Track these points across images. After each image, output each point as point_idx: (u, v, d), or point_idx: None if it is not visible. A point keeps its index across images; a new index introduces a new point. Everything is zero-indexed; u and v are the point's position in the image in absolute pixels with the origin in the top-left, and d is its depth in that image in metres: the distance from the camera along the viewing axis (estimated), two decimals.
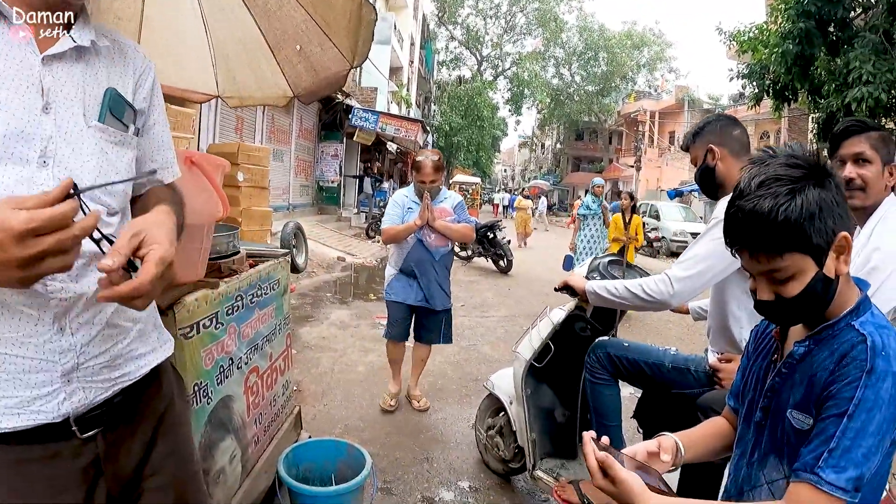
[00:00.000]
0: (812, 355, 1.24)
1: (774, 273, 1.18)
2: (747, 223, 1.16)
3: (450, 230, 4.33)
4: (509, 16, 45.98)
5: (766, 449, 1.33)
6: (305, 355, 5.71)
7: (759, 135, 27.95)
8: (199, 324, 2.09)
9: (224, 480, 2.38)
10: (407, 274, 4.40)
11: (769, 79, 11.22)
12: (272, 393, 2.92)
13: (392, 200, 4.53)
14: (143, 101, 1.34)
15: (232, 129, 12.93)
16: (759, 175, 1.17)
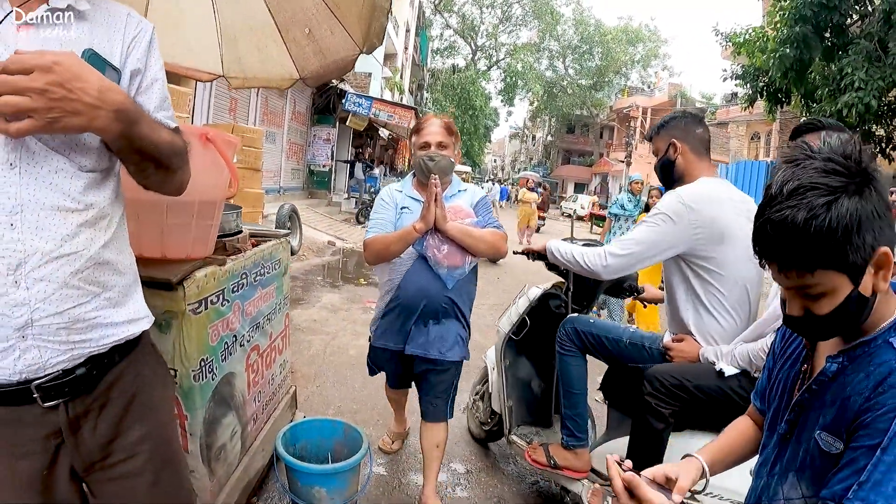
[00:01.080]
0: (846, 374, 1.14)
1: (805, 289, 1.08)
2: (777, 236, 1.04)
3: (471, 237, 2.65)
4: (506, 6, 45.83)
5: (787, 465, 1.25)
6: (297, 337, 5.72)
7: (749, 135, 28.07)
8: (207, 300, 2.12)
9: (225, 457, 2.41)
10: (402, 311, 2.78)
11: (763, 81, 11.29)
12: (271, 372, 2.96)
13: (379, 199, 2.89)
14: (136, 61, 1.32)
15: (226, 109, 12.86)
16: (793, 180, 1.04)
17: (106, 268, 1.27)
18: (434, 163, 2.72)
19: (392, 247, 2.64)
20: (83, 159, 1.21)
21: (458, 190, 2.90)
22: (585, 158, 54.68)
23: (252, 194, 8.00)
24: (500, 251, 2.76)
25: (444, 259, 2.64)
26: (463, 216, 2.72)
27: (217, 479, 2.34)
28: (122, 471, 1.36)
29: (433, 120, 2.82)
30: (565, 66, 48.70)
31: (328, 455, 2.94)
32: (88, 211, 1.22)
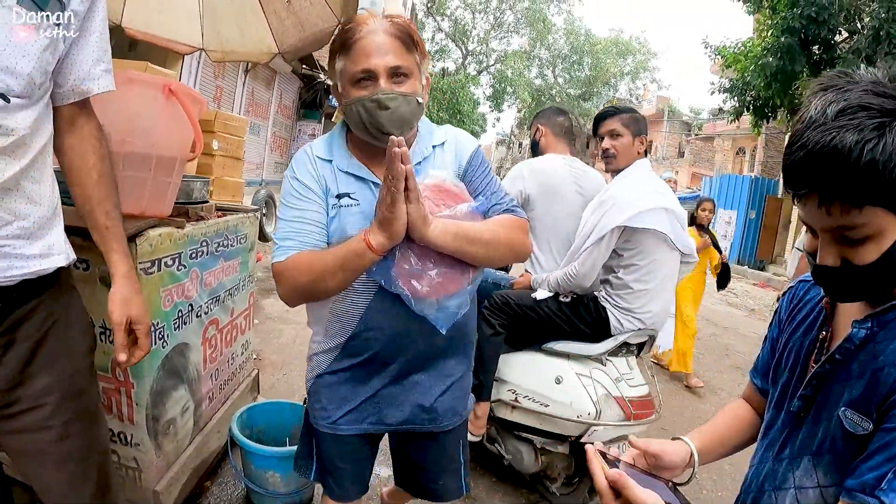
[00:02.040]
0: (876, 342, 0.97)
1: (846, 231, 0.90)
2: (822, 162, 0.85)
3: (475, 242, 1.46)
4: (498, 12, 45.90)
5: (801, 448, 1.08)
6: (268, 326, 5.63)
7: (735, 150, 28.35)
8: (161, 261, 2.02)
9: (174, 432, 2.31)
10: (367, 369, 1.62)
11: (750, 94, 11.37)
12: (231, 350, 2.85)
13: (292, 178, 1.56)
14: (80, 3, 1.29)
15: (211, 97, 12.68)
16: (839, 101, 0.86)
17: (20, 196, 1.22)
18: (389, 111, 1.43)
19: (328, 279, 1.41)
20: (13, 82, 1.17)
21: (433, 146, 1.61)
22: None
23: (232, 183, 7.89)
24: (521, 252, 1.61)
25: (430, 291, 1.44)
26: (451, 200, 1.50)
27: (165, 456, 2.24)
28: (26, 422, 1.30)
29: (373, 25, 1.45)
30: (555, 75, 48.87)
31: (287, 440, 2.84)
32: (8, 137, 1.18)
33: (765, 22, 10.83)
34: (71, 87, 1.34)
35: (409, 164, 1.27)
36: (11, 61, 1.15)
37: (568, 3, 45.93)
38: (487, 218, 1.54)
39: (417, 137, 1.60)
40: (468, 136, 1.71)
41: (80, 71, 1.34)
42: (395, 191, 1.28)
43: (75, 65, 1.33)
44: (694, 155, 32.63)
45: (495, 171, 9.69)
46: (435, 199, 1.46)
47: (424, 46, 1.55)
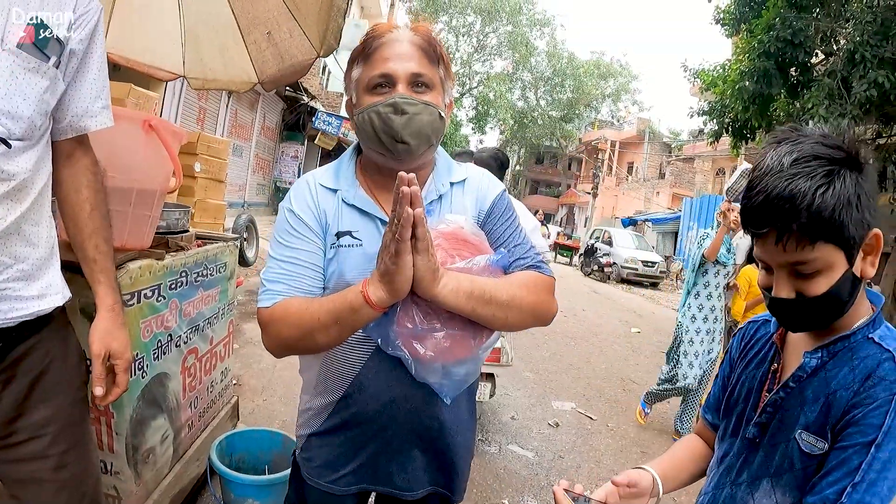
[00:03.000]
0: (827, 369, 1.08)
1: (799, 266, 1.00)
2: (780, 204, 0.96)
3: (491, 303, 1.23)
4: (482, 35, 46.40)
5: (758, 471, 1.15)
6: (248, 350, 5.62)
7: (715, 171, 28.73)
8: (141, 293, 2.04)
9: (154, 461, 2.32)
10: (360, 431, 1.42)
11: (729, 117, 11.57)
12: (210, 378, 2.87)
13: (286, 211, 1.40)
14: (79, 42, 1.32)
15: (194, 119, 12.70)
16: (792, 152, 0.99)
17: (20, 239, 1.26)
18: (407, 117, 1.27)
19: (319, 335, 1.22)
20: (14, 126, 1.20)
21: (451, 183, 1.42)
22: (553, 189, 55.22)
23: (214, 205, 7.88)
24: (544, 316, 1.38)
25: (435, 356, 1.23)
26: (468, 251, 1.28)
27: (144, 484, 2.24)
28: (25, 452, 1.33)
29: (396, 33, 1.33)
30: (537, 97, 49.37)
31: (266, 468, 2.85)
32: (10, 181, 1.21)
33: (742, 46, 11.06)
34: (69, 123, 1.37)
35: (420, 208, 1.06)
36: (13, 105, 1.18)
37: (550, 26, 46.56)
38: (508, 273, 1.34)
39: (434, 171, 1.42)
40: (492, 178, 1.51)
41: (79, 107, 1.37)
42: (400, 239, 1.06)
43: (74, 101, 1.36)
44: (675, 176, 33.01)
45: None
46: (449, 249, 1.25)
47: (450, 65, 1.40)
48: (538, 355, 7.20)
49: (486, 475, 3.78)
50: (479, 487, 3.60)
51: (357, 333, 1.27)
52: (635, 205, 34.18)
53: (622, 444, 4.74)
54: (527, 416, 5.05)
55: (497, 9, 43.73)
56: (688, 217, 23.61)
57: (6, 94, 1.18)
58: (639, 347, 8.72)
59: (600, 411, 5.49)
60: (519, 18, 44.74)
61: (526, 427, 4.79)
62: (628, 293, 17.49)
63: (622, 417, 5.41)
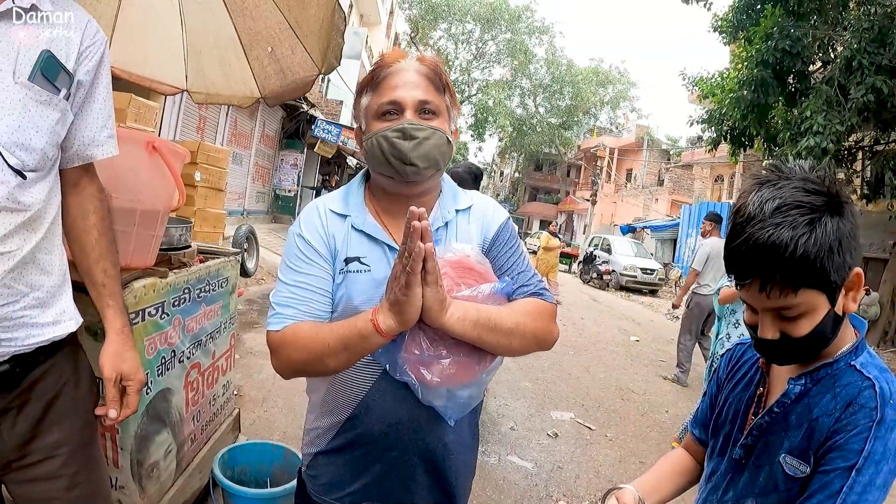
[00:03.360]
0: (810, 396, 1.12)
1: (783, 311, 1.05)
2: (762, 255, 1.00)
3: (496, 331, 1.27)
4: (481, 43, 46.59)
5: (743, 490, 1.19)
6: (248, 361, 5.63)
7: (713, 178, 28.80)
8: (145, 311, 2.07)
9: (157, 475, 2.34)
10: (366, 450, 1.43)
11: (727, 125, 11.63)
12: (212, 392, 2.89)
13: (296, 236, 1.40)
14: (86, 73, 1.36)
15: (194, 127, 12.74)
16: (775, 199, 1.01)
17: (35, 268, 1.29)
18: (416, 141, 1.32)
19: (329, 360, 1.25)
20: (28, 158, 1.24)
21: (456, 210, 1.47)
22: (552, 196, 55.30)
23: (214, 214, 7.91)
24: (545, 342, 1.41)
25: (441, 381, 1.27)
26: (473, 279, 1.33)
27: (148, 498, 2.27)
28: (38, 472, 1.37)
29: (404, 62, 1.38)
30: (536, 105, 49.50)
31: (267, 480, 2.87)
32: (26, 212, 1.25)
33: (740, 54, 11.13)
34: (76, 152, 1.41)
35: (431, 243, 1.09)
36: (26, 137, 1.22)
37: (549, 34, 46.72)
38: (512, 300, 1.37)
39: (440, 199, 1.46)
40: (497, 206, 1.56)
41: (86, 137, 1.41)
42: (411, 272, 1.10)
43: (80, 131, 1.40)
44: (673, 183, 33.11)
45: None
46: (455, 277, 1.29)
47: (455, 95, 1.46)
48: (537, 365, 7.21)
49: (485, 486, 3.79)
50: (479, 499, 3.62)
51: (364, 361, 1.31)
52: (634, 212, 34.25)
53: (621, 454, 4.76)
54: (526, 427, 5.06)
55: (496, 16, 43.92)
56: (686, 224, 23.67)
57: (20, 126, 1.21)
58: (637, 356, 8.73)
59: (599, 421, 5.50)
60: (518, 26, 44.94)
61: (525, 437, 4.80)
62: (627, 301, 17.51)
63: (621, 427, 5.43)
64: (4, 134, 1.19)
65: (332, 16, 2.44)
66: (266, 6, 2.68)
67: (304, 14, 2.59)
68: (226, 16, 2.86)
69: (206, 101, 3.47)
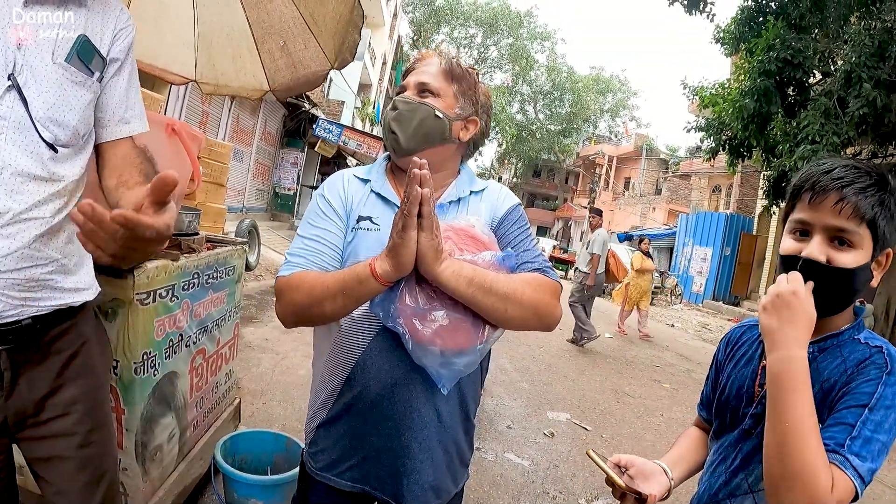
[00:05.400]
0: (818, 363, 1.17)
1: (841, 233, 1.12)
2: (850, 175, 1.12)
3: (491, 292, 1.28)
4: (483, 48, 46.71)
5: (752, 455, 1.23)
6: (247, 354, 5.64)
7: (711, 188, 28.87)
8: (156, 293, 2.10)
9: (160, 458, 2.36)
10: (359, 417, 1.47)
11: (726, 134, 11.67)
12: (215, 379, 2.91)
13: (318, 196, 1.54)
14: (119, 52, 1.46)
15: (197, 122, 12.75)
16: (842, 164, 1.15)
17: (63, 236, 1.37)
18: (397, 112, 1.49)
19: (327, 303, 1.31)
20: (60, 133, 1.32)
21: (471, 192, 1.56)
22: (550, 202, 55.40)
23: (214, 209, 7.88)
24: (546, 317, 1.40)
25: (433, 338, 1.27)
26: (474, 246, 1.35)
27: (151, 481, 2.28)
28: (53, 429, 1.42)
29: (430, 59, 1.57)
30: (536, 111, 49.65)
31: (268, 469, 2.90)
32: (59, 182, 1.33)
33: (742, 65, 11.19)
34: (106, 127, 1.48)
35: (429, 189, 1.16)
36: (60, 114, 1.30)
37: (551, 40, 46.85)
38: (513, 273, 1.38)
39: (457, 179, 1.58)
40: (510, 193, 1.63)
41: (116, 113, 1.49)
42: (407, 214, 1.16)
43: (109, 106, 1.47)
44: (671, 192, 33.20)
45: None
46: (458, 242, 1.32)
47: (475, 88, 1.58)
48: (534, 367, 7.24)
49: (482, 482, 3.82)
50: (476, 494, 3.64)
51: (365, 315, 1.39)
52: (631, 220, 34.35)
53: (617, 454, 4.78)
54: (522, 426, 5.09)
55: (498, 21, 44.04)
56: (683, 233, 23.76)
57: (55, 103, 1.29)
58: (633, 361, 8.76)
59: (595, 422, 5.53)
60: (520, 31, 45.08)
61: (522, 436, 4.83)
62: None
63: (616, 429, 5.46)
64: (41, 110, 1.27)
65: (350, 12, 2.47)
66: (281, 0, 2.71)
67: (321, 9, 2.62)
68: (239, 8, 2.89)
69: (214, 91, 3.49)
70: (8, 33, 1.23)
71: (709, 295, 20.93)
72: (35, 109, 1.27)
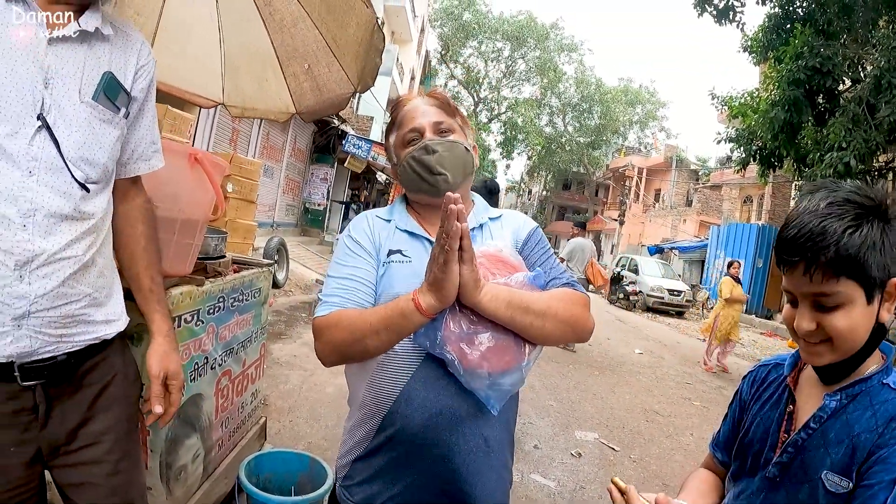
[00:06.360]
0: (847, 412, 1.13)
1: (822, 298, 1.09)
2: (811, 237, 1.07)
3: (530, 312, 1.32)
4: (510, 61, 46.81)
5: None
6: (275, 371, 5.69)
7: (742, 199, 28.44)
8: (181, 318, 2.13)
9: (185, 478, 2.39)
10: (403, 453, 1.41)
11: (757, 144, 11.51)
12: (241, 399, 2.94)
13: (346, 237, 1.55)
14: (140, 91, 1.49)
15: (227, 139, 12.99)
16: (828, 197, 1.11)
17: (95, 270, 1.40)
18: (437, 154, 1.48)
19: (369, 339, 1.30)
20: (91, 172, 1.36)
21: (489, 218, 1.60)
22: (580, 215, 54.94)
23: (244, 225, 8.03)
24: (581, 330, 1.43)
25: (480, 359, 1.28)
26: (507, 270, 1.39)
27: (175, 500, 2.31)
28: (84, 457, 1.45)
29: (416, 100, 1.59)
30: (564, 123, 49.52)
31: (292, 488, 2.90)
32: (90, 220, 1.37)
33: (770, 74, 11.05)
34: (127, 165, 1.53)
35: (466, 223, 1.18)
36: (91, 153, 1.34)
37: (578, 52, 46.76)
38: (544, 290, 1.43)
39: (473, 209, 1.61)
40: (526, 217, 1.70)
41: (136, 151, 1.53)
42: (449, 249, 1.18)
43: (131, 145, 1.52)
44: (702, 203, 32.79)
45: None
46: (490, 267, 1.37)
47: (466, 117, 1.64)
48: (562, 384, 7.18)
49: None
50: None
51: (406, 347, 1.37)
52: (662, 232, 33.95)
53: (644, 475, 4.72)
54: (549, 446, 5.04)
55: (525, 34, 44.11)
56: (715, 245, 23.39)
57: (85, 142, 1.33)
58: (663, 378, 8.64)
59: (623, 442, 5.46)
60: (546, 44, 45.08)
61: (548, 456, 4.79)
62: (654, 322, 17.34)
63: (645, 449, 5.38)
64: (72, 149, 1.30)
65: (371, 36, 2.50)
66: (304, 24, 2.75)
67: (343, 33, 2.65)
68: (264, 32, 2.93)
69: (242, 114, 3.55)
70: (34, 72, 1.25)
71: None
72: (66, 149, 1.29)
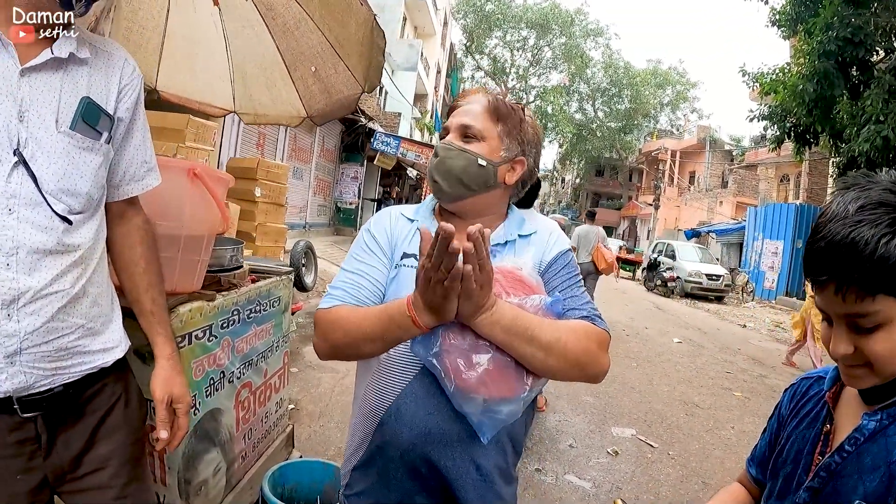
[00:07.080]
0: (888, 435, 0.99)
1: (859, 318, 0.94)
2: (840, 252, 0.92)
3: (533, 341, 1.20)
4: (536, 49, 46.44)
5: None
6: (307, 374, 5.69)
7: (779, 178, 27.76)
8: (192, 335, 2.10)
9: (206, 493, 2.37)
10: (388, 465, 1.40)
11: (791, 121, 11.20)
12: (264, 409, 2.91)
13: (364, 232, 1.53)
14: (125, 111, 1.44)
15: (254, 144, 13.09)
16: (859, 199, 0.94)
17: (87, 301, 1.37)
18: (439, 159, 1.44)
19: (364, 345, 1.28)
20: (74, 203, 1.31)
21: (518, 235, 1.49)
22: (614, 202, 54.44)
23: (275, 229, 8.08)
24: (592, 370, 1.30)
25: (476, 381, 1.19)
26: (521, 289, 1.29)
27: None
28: (90, 482, 1.45)
29: (474, 96, 1.50)
30: (594, 109, 49.01)
31: (318, 498, 2.87)
32: (75, 252, 1.32)
33: (800, 47, 10.72)
34: (118, 188, 1.49)
35: (471, 266, 1.08)
36: (71, 183, 1.30)
37: (605, 36, 46.17)
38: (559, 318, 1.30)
39: (505, 221, 1.52)
40: (561, 235, 1.56)
41: (127, 173, 1.49)
42: (450, 288, 1.11)
43: (121, 167, 1.48)
44: (737, 184, 32.09)
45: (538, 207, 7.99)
46: (506, 285, 1.26)
47: (522, 125, 1.48)
48: None
49: None
50: None
51: (402, 358, 1.34)
52: (698, 215, 33.38)
53: (683, 473, 4.58)
54: (585, 444, 4.94)
55: (549, 22, 43.68)
56: (752, 227, 22.88)
57: (65, 174, 1.28)
58: (703, 368, 8.44)
59: (661, 438, 5.33)
60: (572, 30, 44.59)
61: (584, 455, 4.68)
62: (692, 308, 17.03)
63: (684, 444, 5.24)
64: (50, 182, 1.26)
65: (371, 34, 2.45)
66: (307, 26, 2.71)
67: (345, 32, 2.60)
68: (269, 38, 2.90)
69: (254, 121, 3.54)
70: (8, 106, 1.20)
71: (781, 291, 20.06)
72: (45, 183, 1.25)
